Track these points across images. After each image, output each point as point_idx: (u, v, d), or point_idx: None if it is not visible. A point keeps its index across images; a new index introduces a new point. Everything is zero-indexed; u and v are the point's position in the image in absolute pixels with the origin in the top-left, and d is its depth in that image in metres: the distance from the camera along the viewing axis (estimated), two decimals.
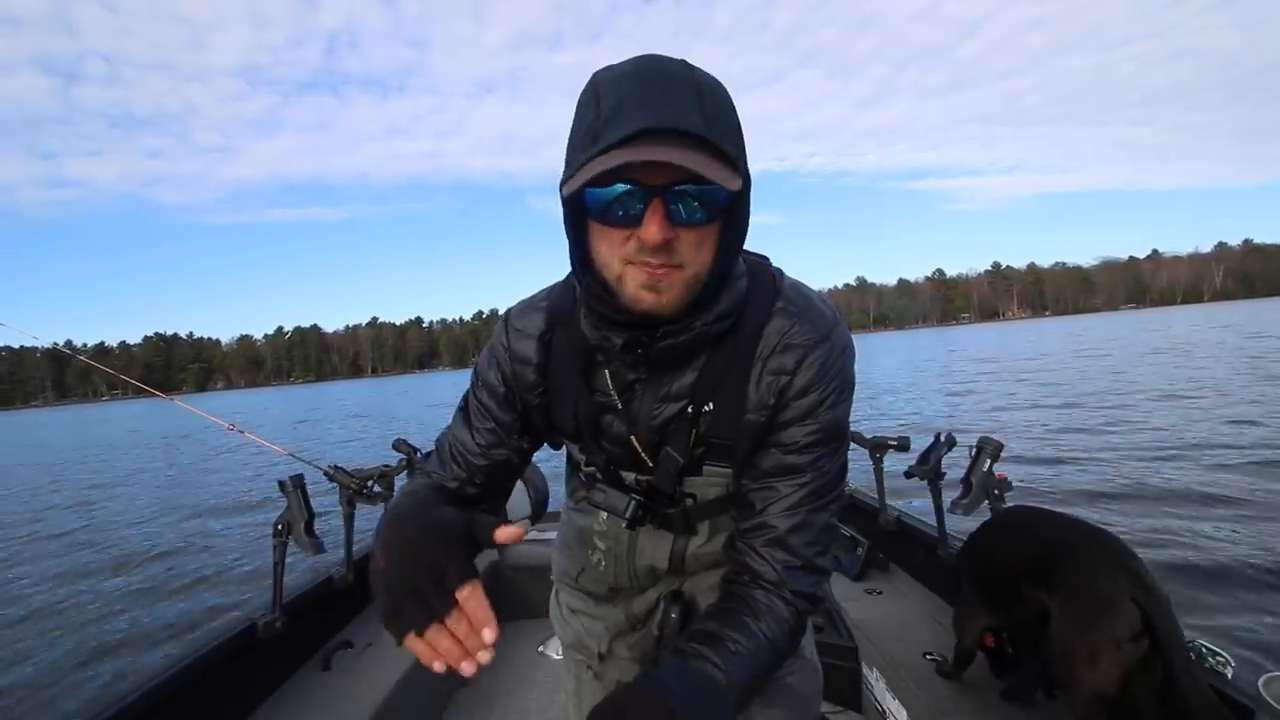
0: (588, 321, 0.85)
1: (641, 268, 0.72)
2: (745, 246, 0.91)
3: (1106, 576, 1.41)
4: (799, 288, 0.90)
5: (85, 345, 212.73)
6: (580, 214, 0.74)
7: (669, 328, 0.78)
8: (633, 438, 0.91)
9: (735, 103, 0.73)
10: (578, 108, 0.72)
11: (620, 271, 0.73)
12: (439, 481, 0.97)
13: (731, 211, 0.73)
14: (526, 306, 0.97)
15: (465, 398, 1.01)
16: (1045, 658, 1.61)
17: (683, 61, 0.71)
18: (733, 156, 0.68)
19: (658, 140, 0.64)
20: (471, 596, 0.65)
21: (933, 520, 2.61)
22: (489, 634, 0.63)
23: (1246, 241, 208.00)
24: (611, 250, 0.73)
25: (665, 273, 0.71)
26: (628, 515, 0.94)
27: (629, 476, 0.96)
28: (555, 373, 0.94)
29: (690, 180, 0.67)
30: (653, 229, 0.68)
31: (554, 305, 0.94)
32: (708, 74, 0.72)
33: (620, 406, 0.90)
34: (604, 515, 1.00)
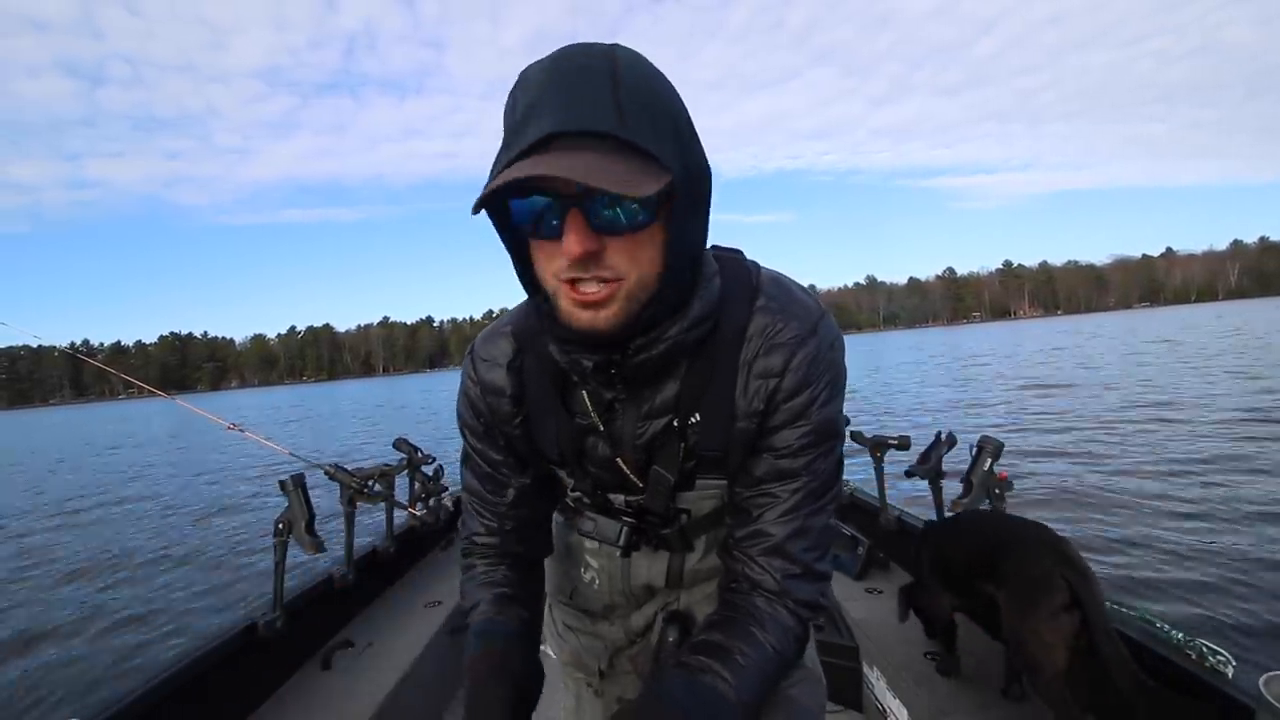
0: (555, 343, 0.78)
1: (575, 287, 0.66)
2: (723, 243, 0.88)
3: (1037, 561, 1.58)
4: (779, 281, 0.84)
5: (102, 345, 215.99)
6: (517, 228, 0.69)
7: (640, 341, 0.73)
8: (618, 460, 0.86)
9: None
10: (505, 106, 0.66)
11: (555, 288, 0.68)
12: (489, 570, 0.96)
13: (678, 209, 0.66)
14: (490, 334, 0.91)
15: (463, 450, 0.97)
16: (1007, 649, 1.74)
17: (609, 47, 0.64)
18: (654, 152, 0.61)
19: (567, 146, 0.59)
20: None
21: (934, 519, 2.59)
22: None
23: (1263, 239, 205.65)
24: (545, 266, 0.68)
25: (599, 290, 0.65)
26: (621, 544, 0.90)
27: (618, 498, 0.91)
28: (531, 400, 0.88)
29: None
30: (571, 242, 0.62)
31: (520, 329, 0.88)
32: (634, 58, 0.65)
33: (602, 428, 0.85)
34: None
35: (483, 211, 0.63)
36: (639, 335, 0.73)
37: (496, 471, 0.93)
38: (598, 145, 0.59)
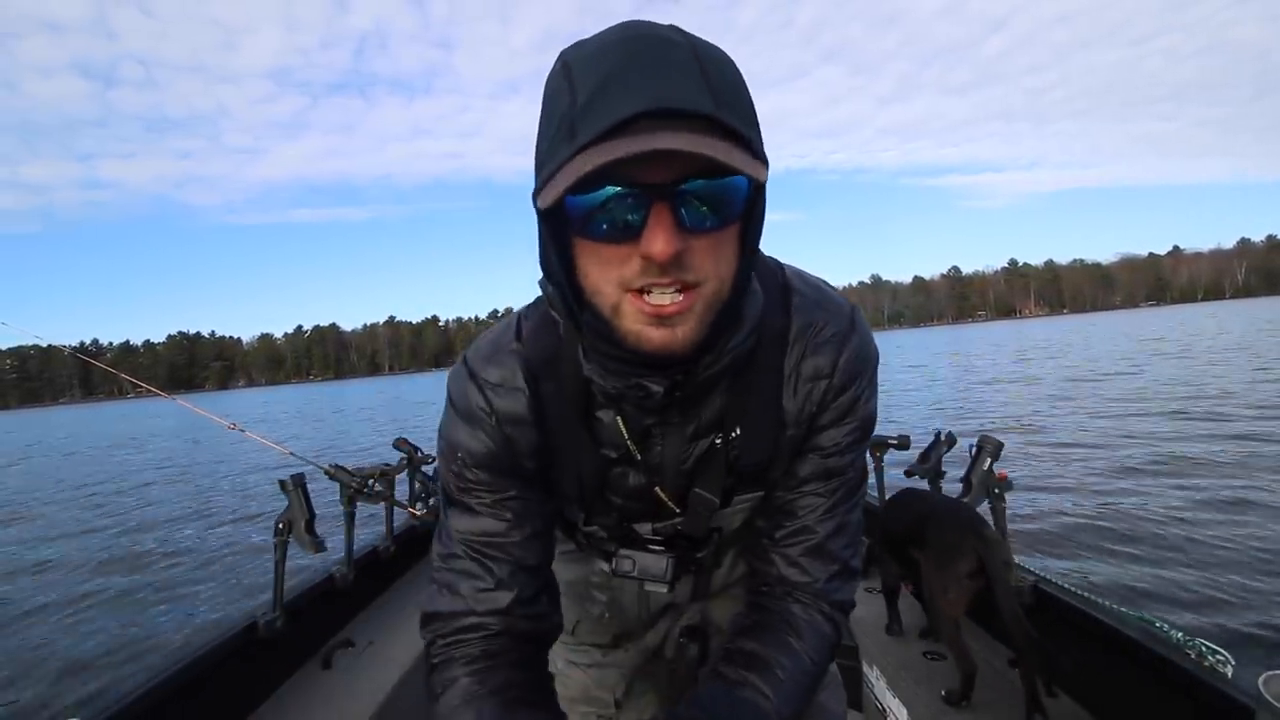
0: (597, 366, 0.67)
1: (643, 298, 0.56)
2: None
3: (954, 535, 1.90)
4: (805, 277, 0.80)
5: (111, 344, 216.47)
6: (561, 229, 0.58)
7: (709, 359, 0.65)
8: (657, 489, 0.79)
9: (756, 98, 0.59)
10: (546, 96, 0.57)
11: (616, 300, 0.58)
12: (475, 676, 0.72)
13: (758, 207, 0.59)
14: (495, 352, 0.77)
15: (446, 493, 0.80)
16: (923, 596, 2.09)
17: (672, 26, 0.57)
18: (752, 140, 0.53)
19: (657, 128, 0.49)
20: None
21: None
22: None
23: (1270, 237, 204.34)
24: (604, 274, 0.57)
25: (675, 302, 0.56)
26: (669, 579, 0.83)
27: (644, 527, 0.84)
28: (551, 432, 0.76)
29: (701, 173, 0.53)
30: (659, 241, 0.52)
31: (533, 349, 0.76)
32: (713, 46, 0.57)
33: (639, 457, 0.76)
34: (602, 564, 0.90)
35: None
36: (707, 353, 0.65)
37: (518, 501, 0.77)
38: (689, 128, 0.50)
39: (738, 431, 0.76)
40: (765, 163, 0.55)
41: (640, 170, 0.51)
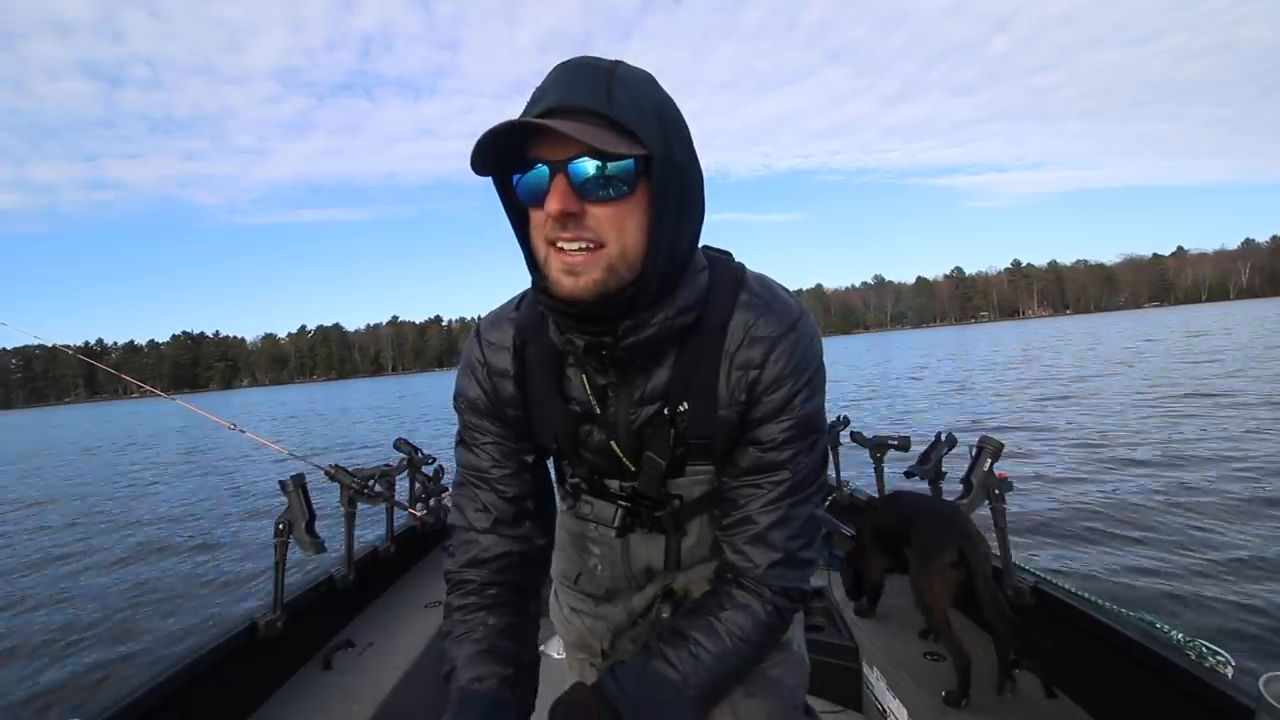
0: (554, 326, 0.85)
1: (561, 253, 0.73)
2: (713, 244, 0.92)
3: (939, 533, 2.00)
4: (763, 280, 0.89)
5: (115, 344, 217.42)
6: (521, 208, 0.77)
7: (628, 324, 0.78)
8: (613, 444, 0.91)
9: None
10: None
11: (545, 254, 0.75)
12: (470, 617, 0.91)
13: (659, 190, 0.73)
14: (497, 318, 0.96)
15: (459, 432, 1.00)
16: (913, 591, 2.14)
17: (615, 60, 0.74)
18: (634, 129, 0.69)
19: (562, 116, 0.68)
20: None
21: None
22: None
23: (1275, 238, 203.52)
24: (536, 233, 0.76)
25: (582, 255, 0.72)
26: (616, 525, 0.94)
27: (613, 483, 0.96)
28: (531, 386, 0.93)
29: (594, 155, 0.69)
30: (553, 200, 0.70)
31: (524, 316, 0.93)
32: (637, 70, 0.75)
33: (598, 413, 0.89)
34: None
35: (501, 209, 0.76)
36: (627, 317, 0.77)
37: (499, 444, 0.95)
38: (588, 120, 0.68)
39: (685, 406, 0.87)
40: (656, 149, 0.70)
41: (551, 154, 0.70)
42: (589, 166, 0.70)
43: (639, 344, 0.80)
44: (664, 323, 0.79)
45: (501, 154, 0.73)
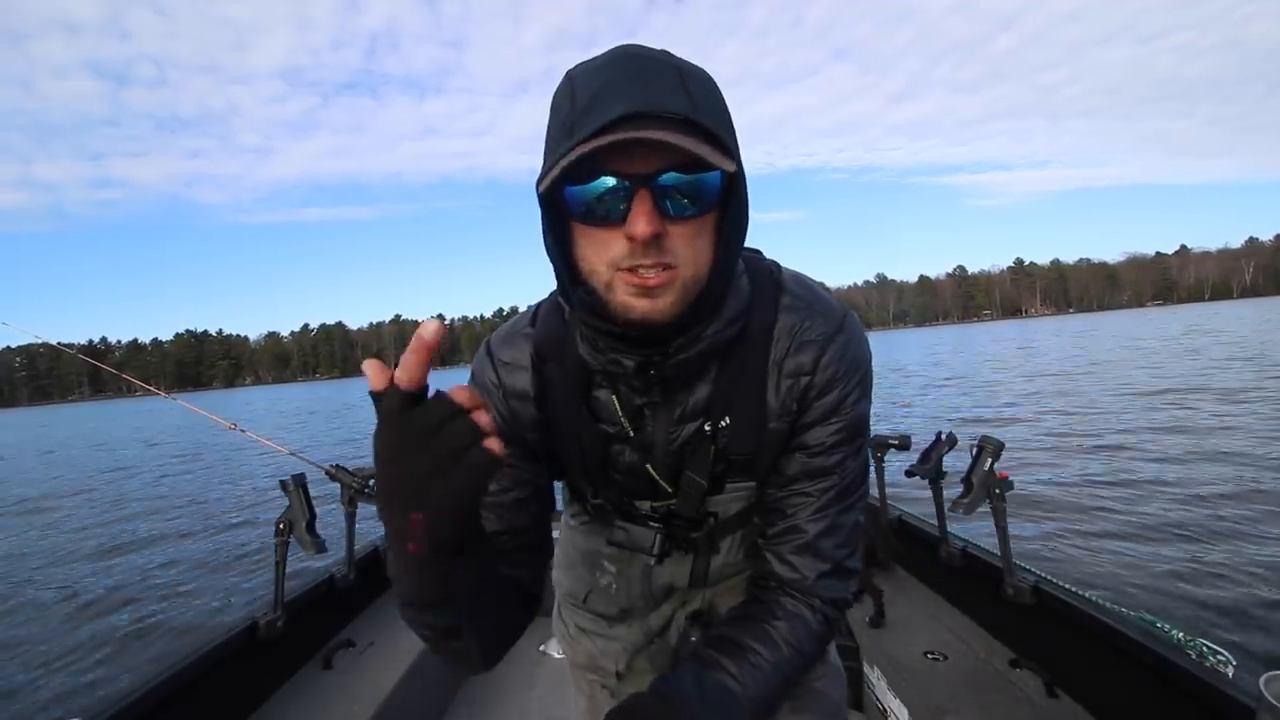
0: (587, 345, 0.78)
1: (631, 273, 0.65)
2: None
3: None
4: (800, 279, 0.85)
5: (119, 342, 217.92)
6: (562, 217, 0.68)
7: (681, 341, 0.73)
8: (648, 466, 0.85)
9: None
10: (553, 105, 0.67)
11: (609, 278, 0.66)
12: None
13: (727, 203, 0.68)
14: (509, 336, 0.89)
15: None
16: None
17: (664, 50, 0.67)
18: (723, 139, 0.62)
19: (641, 126, 0.59)
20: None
21: (934, 519, 2.59)
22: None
23: (1279, 236, 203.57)
24: (598, 254, 0.66)
25: (658, 276, 0.65)
26: (656, 552, 0.88)
27: (644, 504, 0.90)
28: (552, 407, 0.86)
29: (679, 167, 0.62)
30: (641, 222, 0.61)
31: (542, 333, 0.86)
32: (691, 63, 0.67)
33: (632, 434, 0.84)
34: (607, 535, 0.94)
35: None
36: (679, 335, 0.72)
37: (512, 468, 0.86)
38: (672, 127, 0.60)
39: (727, 420, 0.81)
40: (736, 161, 0.64)
41: (628, 164, 0.61)
42: (678, 182, 0.63)
43: (689, 360, 0.75)
44: (714, 336, 0.75)
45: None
